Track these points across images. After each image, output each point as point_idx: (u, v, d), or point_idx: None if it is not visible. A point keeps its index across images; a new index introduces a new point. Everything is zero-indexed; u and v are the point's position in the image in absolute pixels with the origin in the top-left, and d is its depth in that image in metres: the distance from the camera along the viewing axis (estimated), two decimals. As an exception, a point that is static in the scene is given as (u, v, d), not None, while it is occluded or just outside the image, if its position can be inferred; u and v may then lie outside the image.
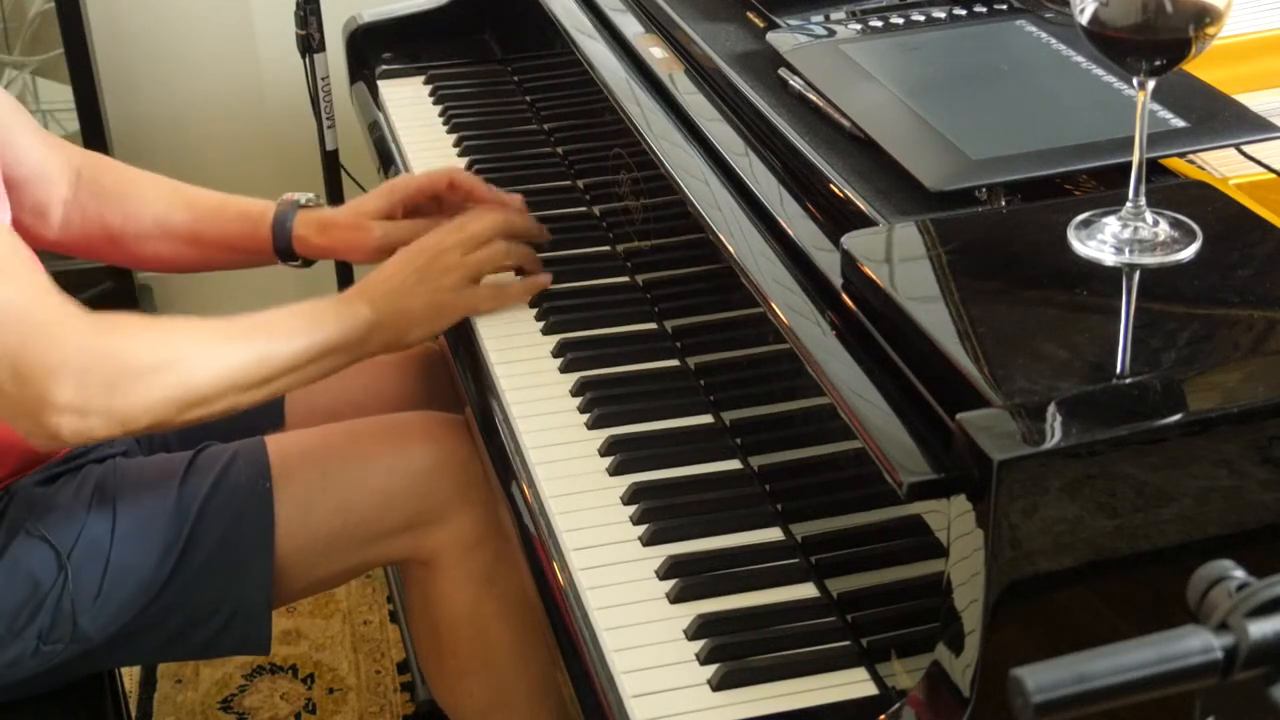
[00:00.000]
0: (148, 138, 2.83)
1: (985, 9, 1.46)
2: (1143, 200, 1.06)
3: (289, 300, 1.42)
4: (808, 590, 1.20)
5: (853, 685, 1.11)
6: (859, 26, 1.43)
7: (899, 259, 1.11)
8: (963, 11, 1.46)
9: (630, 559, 1.24)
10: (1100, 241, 1.06)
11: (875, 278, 1.07)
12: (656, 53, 1.56)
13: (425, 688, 1.74)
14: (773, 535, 1.26)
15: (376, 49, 2.12)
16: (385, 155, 1.93)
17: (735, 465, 1.34)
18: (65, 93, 2.72)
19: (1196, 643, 0.60)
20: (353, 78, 2.14)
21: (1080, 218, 1.08)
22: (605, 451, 1.36)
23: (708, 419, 1.40)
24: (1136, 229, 1.06)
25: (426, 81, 2.08)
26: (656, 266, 1.57)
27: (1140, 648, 0.60)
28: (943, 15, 1.45)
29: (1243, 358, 0.99)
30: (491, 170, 1.83)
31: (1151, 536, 0.95)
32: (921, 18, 1.44)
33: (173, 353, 1.32)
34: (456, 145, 1.92)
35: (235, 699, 2.22)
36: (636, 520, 1.28)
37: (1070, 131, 1.20)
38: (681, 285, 1.52)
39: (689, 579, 1.21)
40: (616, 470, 1.34)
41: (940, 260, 1.10)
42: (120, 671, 1.64)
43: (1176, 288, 1.04)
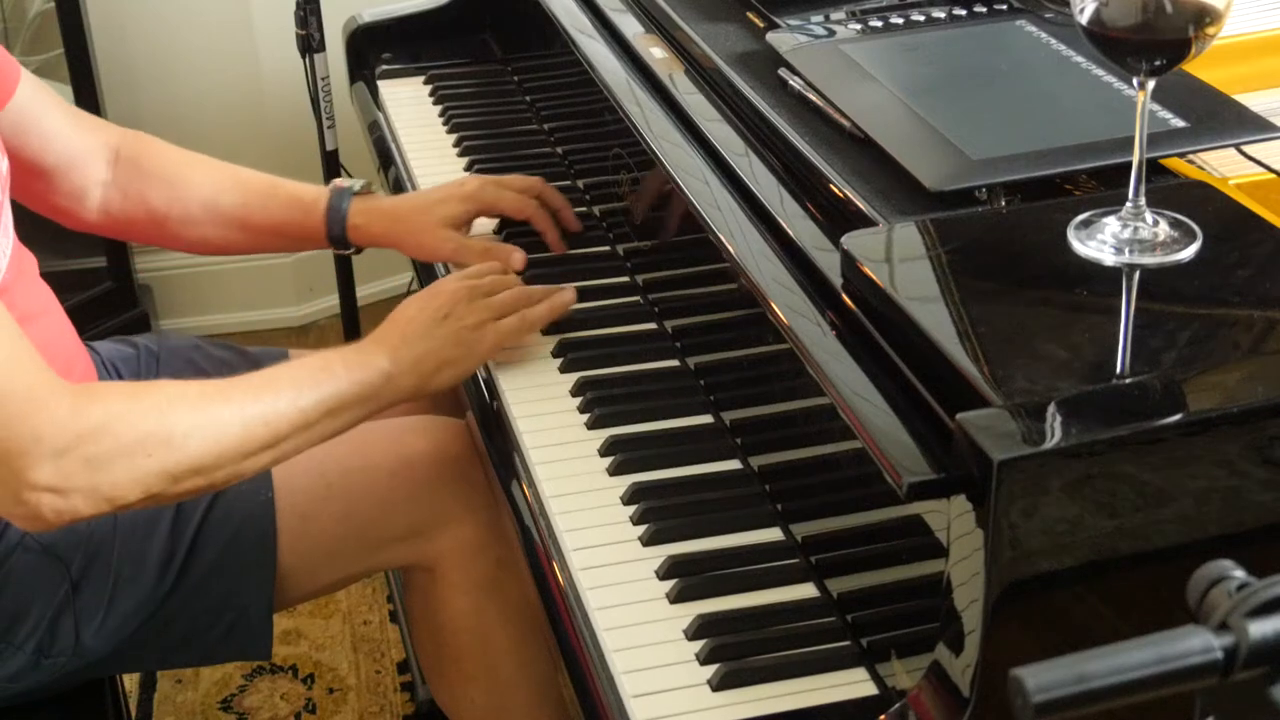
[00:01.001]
0: (148, 138, 2.83)
1: (985, 9, 1.46)
2: (1143, 200, 1.06)
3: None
4: (808, 590, 1.20)
5: (853, 685, 1.11)
6: (859, 26, 1.43)
7: (899, 259, 1.11)
8: (963, 11, 1.46)
9: (630, 559, 1.24)
10: (1100, 241, 1.06)
11: (875, 278, 1.07)
12: (656, 53, 1.55)
13: (425, 688, 1.74)
14: (773, 535, 1.26)
15: (376, 49, 2.12)
16: (385, 155, 1.93)
17: (735, 465, 1.34)
18: (65, 93, 2.72)
19: (1196, 643, 0.60)
20: (353, 78, 2.14)
21: (1080, 218, 1.08)
22: (605, 451, 1.36)
23: (708, 419, 1.40)
24: (1136, 229, 1.06)
25: (426, 81, 2.08)
26: (656, 266, 1.57)
27: (1140, 648, 0.60)
28: (943, 15, 1.45)
29: (1243, 358, 0.98)
30: (491, 170, 1.82)
31: (1151, 536, 0.95)
32: (921, 18, 1.44)
33: (161, 423, 1.23)
34: (456, 145, 1.92)
35: (235, 699, 2.22)
36: (636, 520, 1.28)
37: (1070, 131, 1.20)
38: (681, 285, 1.52)
39: (689, 579, 1.21)
40: (616, 470, 1.34)
41: (940, 260, 1.09)
42: (120, 672, 1.64)
43: (1176, 288, 1.04)
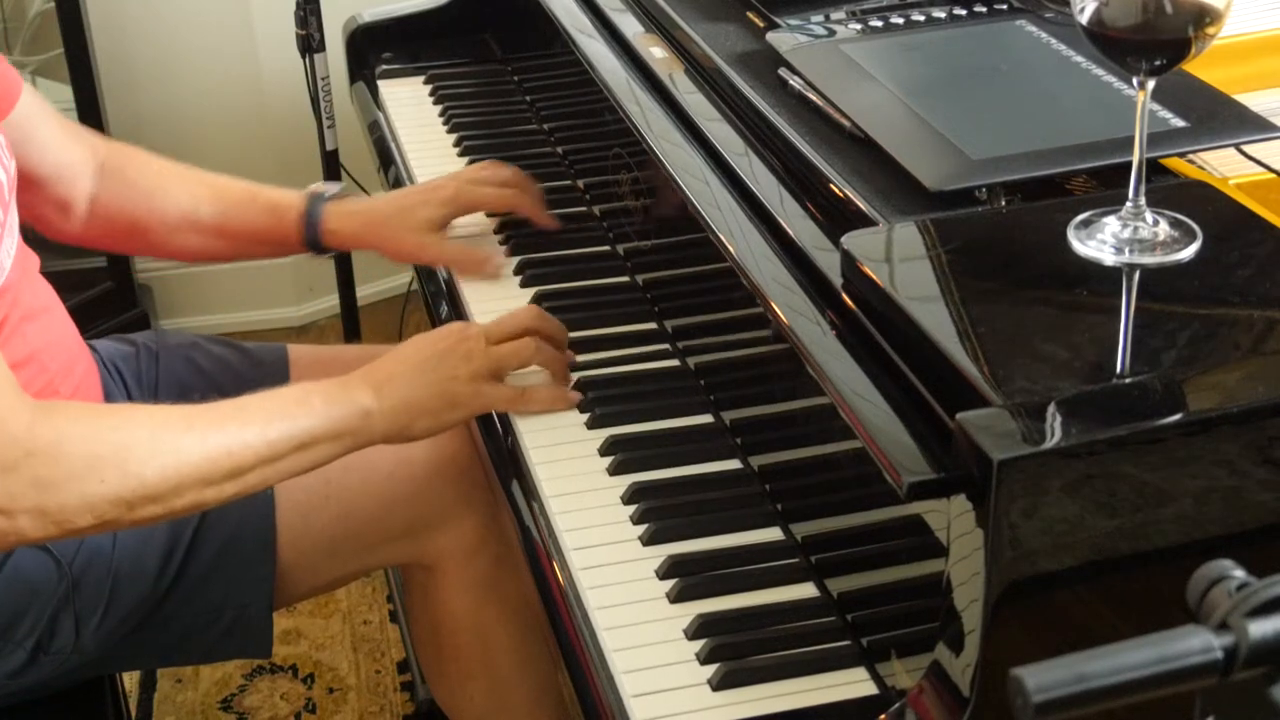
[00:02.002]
0: (148, 138, 2.81)
1: (985, 9, 1.46)
2: (1143, 200, 1.06)
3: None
4: (808, 590, 1.20)
5: (853, 685, 1.11)
6: (859, 26, 1.43)
7: (899, 259, 1.11)
8: (963, 11, 1.45)
9: (630, 559, 1.24)
10: (1100, 241, 1.06)
11: (875, 277, 1.07)
12: (656, 53, 1.55)
13: (425, 687, 1.74)
14: (773, 535, 1.26)
15: (376, 49, 2.12)
16: (385, 155, 1.93)
17: (735, 465, 1.34)
18: (65, 93, 2.72)
19: (1196, 642, 0.60)
20: (353, 78, 2.14)
21: (1080, 218, 1.08)
22: (605, 451, 1.36)
23: (708, 419, 1.40)
24: (1136, 229, 1.06)
25: (426, 81, 2.08)
26: (656, 266, 1.57)
27: (1140, 648, 0.60)
28: (943, 15, 1.45)
29: (1243, 358, 0.98)
30: (491, 170, 1.83)
31: (1151, 536, 0.94)
32: (921, 18, 1.44)
33: (115, 444, 1.18)
34: (456, 145, 1.92)
35: (235, 699, 2.22)
36: (636, 520, 1.28)
37: (1070, 131, 1.20)
38: (681, 285, 1.52)
39: (689, 579, 1.21)
40: (616, 470, 1.34)
41: (940, 260, 1.09)
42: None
43: (1176, 288, 1.04)
